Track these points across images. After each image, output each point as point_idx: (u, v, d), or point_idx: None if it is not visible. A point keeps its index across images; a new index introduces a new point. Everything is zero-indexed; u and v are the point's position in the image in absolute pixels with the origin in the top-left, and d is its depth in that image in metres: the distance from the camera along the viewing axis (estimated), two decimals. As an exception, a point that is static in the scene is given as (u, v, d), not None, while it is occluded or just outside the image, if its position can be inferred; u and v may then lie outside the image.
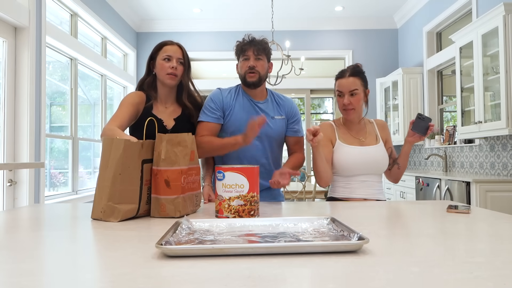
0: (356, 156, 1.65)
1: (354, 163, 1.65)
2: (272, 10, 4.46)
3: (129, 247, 0.77)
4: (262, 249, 0.71)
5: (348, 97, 1.65)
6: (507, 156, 3.52)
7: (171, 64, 1.59)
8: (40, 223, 1.05)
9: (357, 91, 1.65)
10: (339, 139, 1.71)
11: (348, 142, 1.70)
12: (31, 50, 3.25)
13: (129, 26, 5.80)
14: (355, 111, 1.68)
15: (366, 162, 1.66)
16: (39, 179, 3.37)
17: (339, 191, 1.70)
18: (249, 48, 1.68)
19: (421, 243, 0.80)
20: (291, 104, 1.83)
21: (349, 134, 1.73)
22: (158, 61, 1.62)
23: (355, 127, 1.75)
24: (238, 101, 1.74)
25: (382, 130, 1.79)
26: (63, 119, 4.34)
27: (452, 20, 4.74)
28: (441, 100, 5.11)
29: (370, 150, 1.68)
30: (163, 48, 1.62)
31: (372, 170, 1.68)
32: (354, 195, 1.67)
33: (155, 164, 1.18)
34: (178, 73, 1.62)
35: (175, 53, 1.61)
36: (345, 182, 1.69)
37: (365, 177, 1.68)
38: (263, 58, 1.70)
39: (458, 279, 0.57)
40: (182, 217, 1.13)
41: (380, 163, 1.68)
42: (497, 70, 3.33)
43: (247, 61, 1.68)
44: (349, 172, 1.66)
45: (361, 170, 1.66)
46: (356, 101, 1.66)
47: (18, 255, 0.71)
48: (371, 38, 6.10)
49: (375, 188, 1.69)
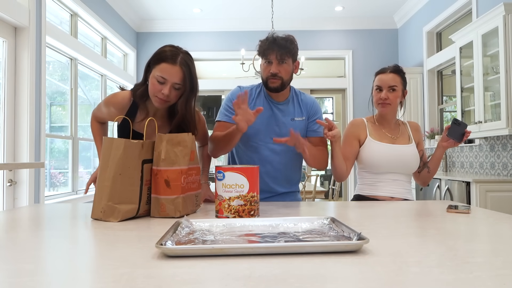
0: (386, 153, 1.65)
1: (384, 160, 1.65)
2: (272, 10, 4.46)
3: (129, 247, 0.77)
4: (262, 249, 0.71)
5: (386, 92, 1.67)
6: (507, 156, 3.52)
7: (163, 89, 1.31)
8: (40, 223, 1.05)
9: (396, 88, 1.67)
10: (370, 135, 1.70)
11: (380, 139, 1.70)
12: (31, 50, 3.25)
13: (129, 26, 5.79)
14: (390, 107, 1.68)
15: (396, 160, 1.66)
16: (39, 179, 3.37)
17: (366, 189, 1.71)
18: (272, 51, 1.52)
19: (421, 243, 0.80)
20: (311, 103, 1.71)
21: (382, 131, 1.73)
22: (152, 75, 1.33)
23: (388, 126, 1.75)
24: (259, 101, 1.64)
25: (416, 132, 1.79)
26: (63, 119, 4.34)
27: (452, 20, 4.74)
28: (441, 100, 5.11)
29: (402, 148, 1.68)
30: (160, 65, 1.31)
31: (401, 169, 1.67)
32: (381, 192, 1.67)
33: (155, 164, 1.18)
34: (171, 99, 1.35)
35: (172, 76, 1.31)
36: (373, 179, 1.69)
37: (394, 176, 1.68)
38: (287, 61, 1.55)
39: (458, 279, 0.57)
40: (182, 217, 1.13)
41: (410, 162, 1.68)
42: (497, 70, 3.32)
43: (269, 66, 1.55)
44: (378, 169, 1.67)
45: (391, 168, 1.66)
46: (393, 97, 1.67)
47: (18, 255, 0.71)
48: (371, 38, 6.10)
49: (403, 187, 1.69)
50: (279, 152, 1.64)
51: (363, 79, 6.08)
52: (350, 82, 6.08)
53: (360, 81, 6.08)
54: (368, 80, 6.08)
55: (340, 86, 6.12)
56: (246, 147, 1.67)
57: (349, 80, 6.08)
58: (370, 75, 6.06)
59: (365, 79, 6.06)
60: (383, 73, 1.70)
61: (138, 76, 6.09)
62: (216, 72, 8.04)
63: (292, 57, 1.57)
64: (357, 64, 6.08)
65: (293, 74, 1.61)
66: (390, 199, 1.64)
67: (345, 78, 6.13)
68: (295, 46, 1.58)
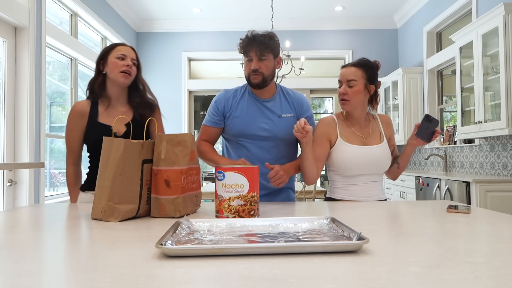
0: (358, 156, 1.57)
1: (356, 164, 1.57)
2: (272, 10, 4.46)
3: (129, 247, 0.77)
4: (262, 249, 0.71)
5: (344, 87, 1.57)
6: (507, 156, 3.52)
7: (125, 63, 1.56)
8: (40, 223, 1.05)
9: (355, 83, 1.56)
10: (341, 136, 1.60)
11: (350, 140, 1.60)
12: (31, 50, 3.25)
13: (129, 26, 5.79)
14: (350, 104, 1.58)
15: (368, 163, 1.58)
16: (39, 179, 3.37)
17: (338, 192, 1.63)
18: (251, 48, 1.57)
19: (421, 243, 0.80)
20: (301, 100, 1.71)
21: (352, 130, 1.63)
22: (110, 59, 1.57)
23: (357, 123, 1.65)
24: (243, 101, 1.67)
25: (387, 126, 1.69)
26: (63, 119, 4.34)
27: (452, 20, 4.74)
28: (441, 100, 5.11)
29: (373, 150, 1.59)
30: (116, 48, 1.59)
31: (374, 171, 1.60)
32: (354, 197, 1.60)
33: (155, 164, 1.18)
34: (132, 72, 1.59)
35: (129, 52, 1.59)
36: (345, 183, 1.62)
37: (367, 178, 1.61)
38: (268, 57, 1.58)
39: (458, 279, 0.57)
40: (182, 217, 1.13)
41: (383, 163, 1.60)
42: (497, 70, 3.33)
43: (250, 63, 1.59)
44: (350, 172, 1.59)
45: (363, 170, 1.59)
46: (352, 93, 1.56)
47: (18, 255, 0.71)
48: (371, 38, 6.10)
49: (376, 188, 1.63)
50: (268, 149, 1.66)
51: (363, 79, 6.07)
52: (350, 82, 6.07)
53: (360, 81, 6.07)
54: (368, 80, 6.08)
55: (340, 86, 6.12)
56: (235, 146, 1.70)
57: (349, 80, 6.07)
58: (370, 75, 6.06)
59: (365, 79, 6.06)
60: (345, 66, 1.62)
61: (138, 76, 6.09)
62: (216, 72, 8.04)
63: (273, 52, 1.60)
64: (357, 64, 6.07)
65: (275, 69, 1.64)
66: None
67: (345, 78, 6.12)
68: (275, 42, 1.61)
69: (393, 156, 1.69)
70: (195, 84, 6.11)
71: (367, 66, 1.60)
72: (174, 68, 6.10)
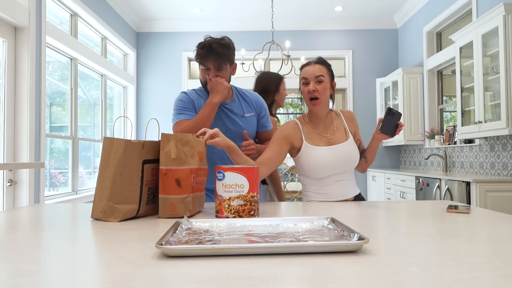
0: (326, 157, 1.54)
1: (326, 165, 1.54)
2: (272, 10, 4.46)
3: (129, 247, 0.77)
4: (262, 249, 0.71)
5: (314, 84, 1.55)
6: (507, 156, 3.52)
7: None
8: (40, 223, 1.05)
9: (323, 78, 1.55)
10: (306, 140, 1.58)
11: (316, 142, 1.58)
12: (31, 50, 3.25)
13: (129, 26, 5.79)
14: (321, 102, 1.56)
15: (337, 162, 1.56)
16: (39, 179, 3.37)
17: (314, 196, 1.61)
18: (209, 59, 1.58)
19: (421, 243, 0.80)
20: (257, 99, 1.77)
21: (316, 132, 1.61)
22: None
23: (321, 123, 1.63)
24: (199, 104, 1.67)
25: (350, 122, 1.68)
26: (63, 119, 4.34)
27: (452, 20, 4.74)
28: (441, 100, 5.11)
29: (341, 148, 1.57)
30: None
31: (344, 169, 1.58)
32: (331, 198, 1.59)
33: (163, 164, 1.15)
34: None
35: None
36: (318, 185, 1.60)
37: (338, 177, 1.59)
38: (225, 67, 1.61)
39: (458, 279, 0.57)
40: (182, 217, 1.13)
41: (352, 159, 1.59)
42: (497, 70, 3.33)
43: (208, 72, 1.60)
44: (321, 174, 1.56)
45: (334, 170, 1.57)
46: (322, 90, 1.55)
47: (18, 255, 0.71)
48: (371, 38, 6.10)
49: (349, 185, 1.62)
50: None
51: (363, 79, 6.08)
52: (350, 82, 6.08)
53: (360, 81, 6.08)
54: (368, 80, 6.08)
55: (340, 86, 6.12)
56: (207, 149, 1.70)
57: (349, 80, 6.08)
58: (370, 75, 6.07)
59: (365, 79, 6.06)
60: (308, 65, 1.60)
61: (138, 76, 6.09)
62: (216, 72, 8.02)
63: (230, 62, 1.64)
64: (357, 64, 6.08)
65: (231, 76, 1.69)
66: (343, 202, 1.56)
67: (345, 78, 6.13)
68: (232, 51, 1.63)
69: (360, 150, 1.68)
70: (195, 84, 6.10)
71: (327, 63, 1.62)
72: (174, 68, 6.10)
